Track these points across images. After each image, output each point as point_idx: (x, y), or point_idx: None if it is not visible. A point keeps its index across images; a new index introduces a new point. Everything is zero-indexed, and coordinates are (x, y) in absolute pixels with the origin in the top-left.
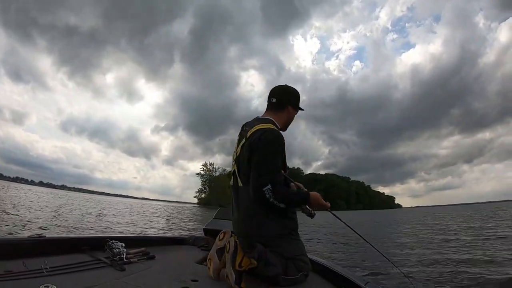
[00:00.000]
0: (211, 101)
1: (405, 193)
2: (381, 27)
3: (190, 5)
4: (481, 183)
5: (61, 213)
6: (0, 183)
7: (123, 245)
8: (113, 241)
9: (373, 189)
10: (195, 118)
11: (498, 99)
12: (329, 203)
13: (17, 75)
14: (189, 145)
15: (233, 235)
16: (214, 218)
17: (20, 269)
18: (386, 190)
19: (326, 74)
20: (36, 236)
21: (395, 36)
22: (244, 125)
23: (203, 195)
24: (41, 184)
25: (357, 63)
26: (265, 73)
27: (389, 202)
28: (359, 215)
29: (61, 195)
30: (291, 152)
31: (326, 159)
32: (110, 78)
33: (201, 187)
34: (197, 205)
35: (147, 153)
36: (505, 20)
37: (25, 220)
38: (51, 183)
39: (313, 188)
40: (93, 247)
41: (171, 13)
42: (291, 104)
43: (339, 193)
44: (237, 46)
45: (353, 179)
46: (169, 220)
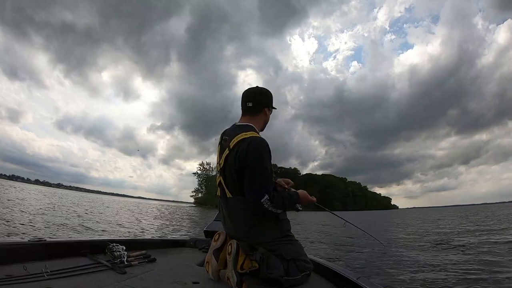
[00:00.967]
0: (208, 100)
1: (401, 194)
2: (379, 27)
3: (187, 3)
4: (478, 184)
5: (43, 213)
6: None
7: (124, 248)
8: (114, 244)
9: (370, 189)
10: (192, 117)
11: (495, 101)
12: (314, 198)
13: (13, 73)
14: (185, 144)
15: (228, 237)
16: (214, 220)
17: (20, 273)
18: (382, 191)
19: (323, 74)
20: (36, 240)
21: (393, 36)
22: (223, 134)
23: (200, 195)
24: (37, 182)
25: (355, 63)
26: (262, 73)
27: (385, 203)
28: (355, 215)
29: (52, 194)
30: (287, 152)
31: (323, 159)
32: (106, 76)
33: (197, 186)
34: (193, 205)
35: (143, 152)
36: (504, 21)
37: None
38: (47, 182)
39: (310, 188)
40: (94, 250)
41: (168, 11)
42: (267, 106)
43: (336, 193)
44: (234, 45)
45: (349, 179)
46: (162, 221)
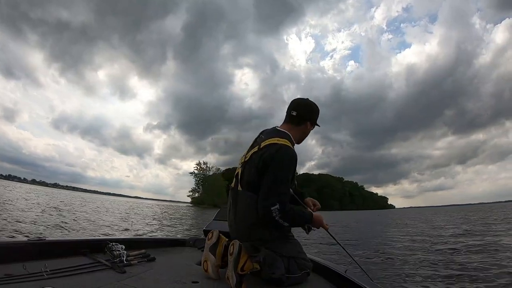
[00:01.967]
0: (204, 99)
1: (398, 194)
2: (376, 26)
3: (183, 0)
4: (474, 184)
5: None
6: None
7: (123, 247)
8: (113, 244)
9: (367, 189)
10: (188, 116)
11: (492, 101)
12: (328, 226)
13: (9, 71)
14: (182, 143)
15: (222, 236)
16: (214, 219)
17: (20, 272)
18: (379, 190)
19: (321, 73)
20: (36, 239)
21: (390, 36)
22: (261, 133)
23: (197, 195)
24: (33, 182)
25: (352, 63)
26: (259, 71)
27: (382, 202)
28: (352, 215)
29: (44, 194)
30: None
31: (319, 159)
32: (102, 75)
33: (194, 186)
34: (190, 205)
35: (140, 151)
36: (501, 21)
37: None
38: (43, 181)
39: (306, 188)
40: (93, 249)
41: (164, 9)
42: (310, 120)
43: (333, 193)
44: (231, 43)
45: (346, 179)
46: (160, 221)
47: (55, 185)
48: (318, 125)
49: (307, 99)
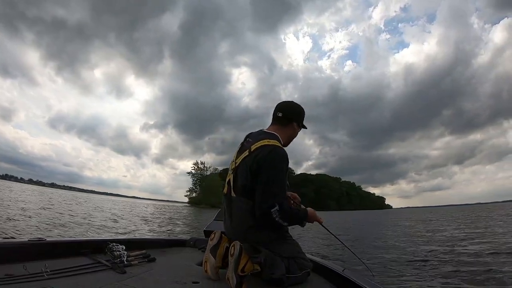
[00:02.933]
0: (201, 98)
1: (395, 194)
2: (374, 26)
3: None
4: (472, 184)
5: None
6: None
7: (124, 248)
8: (114, 244)
9: (364, 189)
10: (185, 116)
11: (490, 101)
12: (322, 219)
13: (5, 70)
14: (179, 143)
15: (222, 235)
16: (214, 219)
17: (20, 272)
18: (376, 190)
19: (318, 72)
20: (36, 239)
21: (389, 35)
22: (248, 136)
23: (194, 195)
24: (30, 182)
25: (350, 62)
26: (257, 71)
27: (379, 202)
28: (349, 215)
29: (37, 193)
30: None
31: (317, 159)
32: (98, 73)
33: (192, 186)
34: (188, 205)
35: (137, 151)
36: (500, 21)
37: None
38: (40, 181)
39: (304, 188)
40: (94, 250)
41: (161, 7)
42: (296, 120)
43: (330, 193)
44: (228, 42)
45: (344, 179)
46: (158, 220)
47: (52, 185)
48: (305, 127)
49: (292, 101)
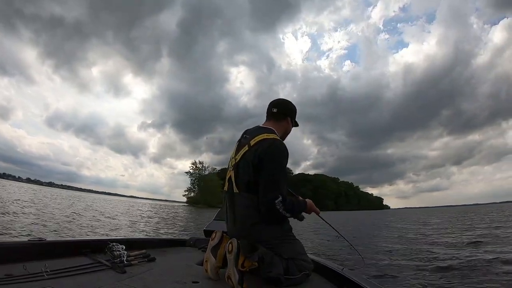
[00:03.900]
0: (199, 97)
1: (393, 194)
2: (373, 26)
3: None
4: (470, 185)
5: None
6: None
7: (124, 248)
8: (114, 244)
9: (362, 189)
10: (183, 115)
11: (489, 101)
12: (319, 210)
13: (2, 68)
14: (177, 143)
15: (224, 235)
16: (214, 219)
17: (20, 272)
18: (374, 191)
19: (317, 72)
20: (36, 239)
21: (388, 35)
22: (245, 133)
23: (192, 194)
24: (28, 181)
25: (348, 62)
26: (255, 70)
27: (377, 203)
28: (347, 215)
29: (34, 191)
30: None
31: (315, 159)
32: (96, 72)
33: (190, 186)
34: (186, 204)
35: (135, 150)
36: (499, 21)
37: None
38: (38, 180)
39: (302, 188)
40: (94, 249)
41: (159, 4)
42: (290, 115)
43: (328, 193)
44: (227, 40)
45: (342, 179)
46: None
47: (50, 184)
48: (297, 124)
49: (285, 98)
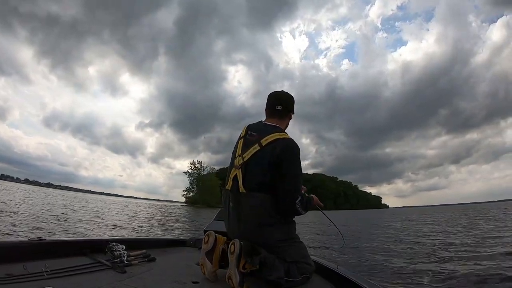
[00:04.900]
0: (197, 97)
1: (391, 193)
2: (371, 24)
3: None
4: (468, 184)
5: None
6: None
7: (124, 248)
8: (114, 244)
9: (361, 189)
10: (181, 114)
11: (487, 100)
12: (323, 205)
13: None
14: (175, 142)
15: (217, 237)
16: (214, 219)
17: (20, 272)
18: (373, 190)
19: (315, 70)
20: (36, 239)
21: (386, 34)
22: (249, 129)
23: (191, 194)
24: (26, 181)
25: (346, 61)
26: (253, 68)
27: (376, 202)
28: (346, 215)
29: (24, 191)
30: None
31: (313, 158)
32: (92, 71)
33: (189, 186)
34: (185, 204)
35: (132, 150)
36: (498, 19)
37: None
38: (36, 181)
39: None
40: (94, 249)
41: (156, 2)
42: (292, 110)
43: (327, 193)
44: (224, 39)
45: (340, 179)
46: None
47: (49, 185)
48: (293, 113)
49: (283, 91)
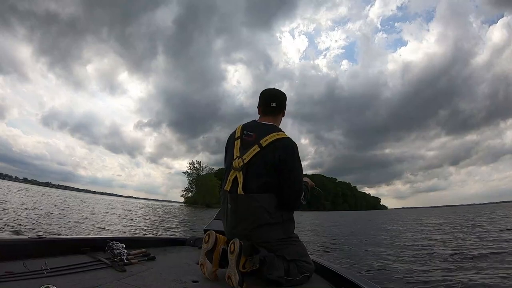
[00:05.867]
0: (196, 96)
1: (390, 194)
2: (371, 25)
3: None
4: (467, 185)
5: None
6: None
7: (124, 246)
8: (114, 242)
9: (359, 190)
10: (179, 114)
11: (487, 101)
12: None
13: None
14: (173, 142)
15: (218, 236)
16: (214, 218)
17: (20, 270)
18: (371, 191)
19: (315, 70)
20: (36, 237)
21: (386, 34)
22: (243, 128)
23: (190, 194)
24: (25, 181)
25: (346, 61)
26: (252, 68)
27: (374, 203)
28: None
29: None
30: None
31: (312, 159)
32: (91, 69)
33: (188, 186)
34: (184, 204)
35: (131, 150)
36: (498, 19)
37: None
38: (35, 180)
39: None
40: (94, 248)
41: (154, 0)
42: (285, 108)
43: (325, 194)
44: (223, 37)
45: (339, 179)
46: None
47: (47, 184)
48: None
49: (276, 88)
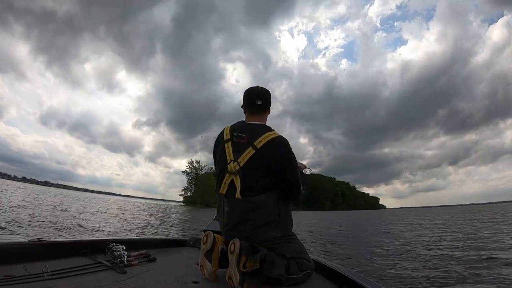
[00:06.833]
0: (194, 95)
1: (389, 194)
2: (370, 24)
3: None
4: (465, 185)
5: None
6: None
7: (124, 248)
8: (114, 244)
9: (358, 189)
10: (178, 113)
11: (486, 100)
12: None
13: None
14: (172, 141)
15: (216, 237)
16: (214, 219)
17: (20, 273)
18: (370, 190)
19: (314, 69)
20: (36, 240)
21: (385, 33)
22: (232, 130)
23: (189, 194)
24: (24, 180)
25: (345, 60)
26: (251, 67)
27: (373, 203)
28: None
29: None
30: None
31: (311, 158)
32: (89, 68)
33: (187, 185)
34: (183, 204)
35: (129, 149)
36: (498, 18)
37: None
38: (34, 179)
39: None
40: (94, 250)
41: None
42: (270, 105)
43: (324, 193)
44: (222, 36)
45: (338, 179)
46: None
47: (46, 183)
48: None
49: (259, 86)
